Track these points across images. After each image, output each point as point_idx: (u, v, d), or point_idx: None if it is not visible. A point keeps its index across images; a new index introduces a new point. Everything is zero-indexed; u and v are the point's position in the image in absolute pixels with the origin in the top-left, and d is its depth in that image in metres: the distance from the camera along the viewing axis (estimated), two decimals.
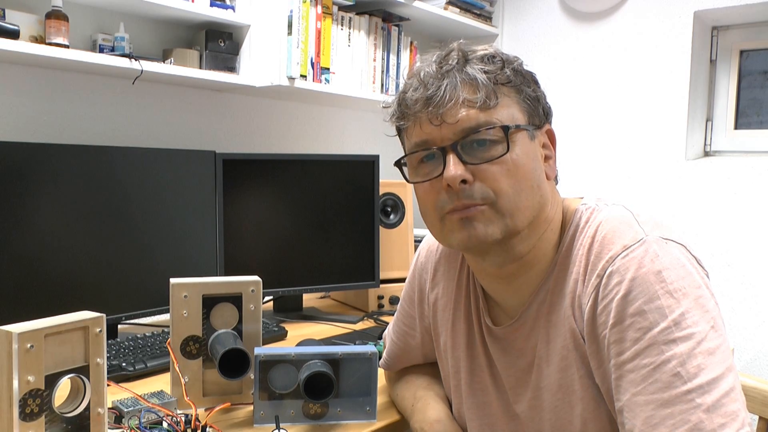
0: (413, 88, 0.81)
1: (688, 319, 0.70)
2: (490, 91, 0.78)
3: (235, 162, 1.67)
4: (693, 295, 0.71)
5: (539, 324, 0.85)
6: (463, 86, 0.78)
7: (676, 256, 0.74)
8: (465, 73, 0.79)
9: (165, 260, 1.55)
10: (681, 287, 0.71)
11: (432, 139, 0.80)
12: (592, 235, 0.80)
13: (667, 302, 0.70)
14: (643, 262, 0.73)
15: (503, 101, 0.79)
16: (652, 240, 0.75)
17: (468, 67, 0.79)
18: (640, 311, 0.71)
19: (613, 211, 0.82)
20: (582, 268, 0.79)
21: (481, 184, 0.78)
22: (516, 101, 0.81)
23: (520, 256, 0.83)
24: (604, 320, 0.74)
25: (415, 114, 0.81)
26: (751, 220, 2.05)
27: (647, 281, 0.72)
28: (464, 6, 2.41)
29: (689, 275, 0.73)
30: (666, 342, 0.69)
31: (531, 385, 0.87)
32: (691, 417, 0.66)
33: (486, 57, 0.80)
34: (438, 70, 0.80)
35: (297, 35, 1.82)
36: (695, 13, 2.14)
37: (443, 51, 0.83)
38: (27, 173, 1.32)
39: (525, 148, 0.80)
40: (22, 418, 0.80)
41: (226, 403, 1.07)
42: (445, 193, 0.80)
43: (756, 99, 2.23)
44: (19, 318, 0.86)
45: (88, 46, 1.64)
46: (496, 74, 0.79)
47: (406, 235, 1.95)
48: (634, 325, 0.71)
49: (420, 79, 0.80)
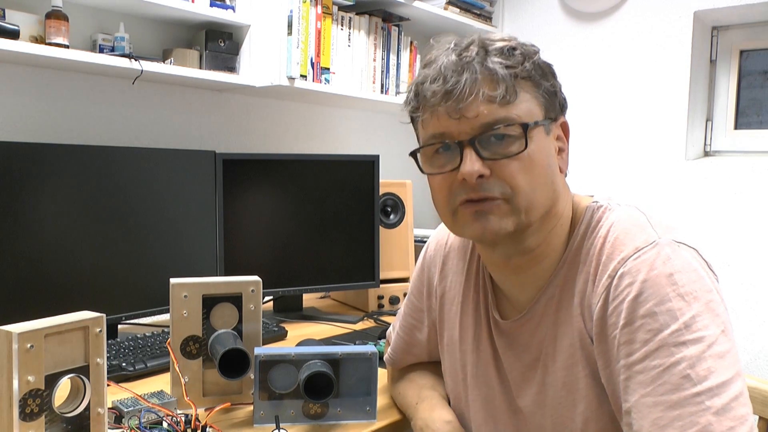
0: (431, 78, 0.79)
1: (698, 322, 0.69)
2: (509, 86, 0.77)
3: (235, 162, 1.67)
4: (704, 299, 0.71)
5: (546, 320, 0.85)
6: (483, 80, 0.77)
7: (688, 260, 0.74)
8: (485, 67, 0.77)
9: (165, 260, 1.55)
10: (692, 290, 0.71)
11: (449, 133, 0.79)
12: (603, 235, 0.80)
13: (678, 305, 0.70)
14: (655, 264, 0.73)
15: (522, 96, 0.78)
16: (665, 243, 0.75)
17: (488, 60, 0.77)
18: (650, 313, 0.71)
19: (625, 212, 0.81)
20: (593, 269, 0.79)
21: (499, 179, 0.78)
22: (534, 96, 0.80)
23: (531, 249, 0.84)
24: (615, 321, 0.74)
25: (433, 106, 0.79)
26: (751, 220, 2.05)
27: (659, 283, 0.71)
28: (464, 6, 2.41)
29: (700, 279, 0.73)
30: (676, 344, 0.69)
31: (536, 380, 0.87)
32: (700, 419, 0.66)
33: (506, 49, 0.79)
34: (458, 61, 0.78)
35: (297, 35, 1.82)
36: (695, 13, 2.14)
37: (462, 40, 0.81)
38: (27, 173, 1.32)
39: (541, 144, 0.80)
40: (22, 418, 0.80)
41: (226, 403, 1.07)
42: (459, 186, 0.79)
43: (756, 99, 2.23)
44: (19, 318, 0.86)
45: (88, 46, 1.64)
46: (516, 69, 0.78)
47: (406, 235, 1.95)
48: (645, 326, 0.71)
49: (439, 70, 0.79)
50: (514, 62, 0.78)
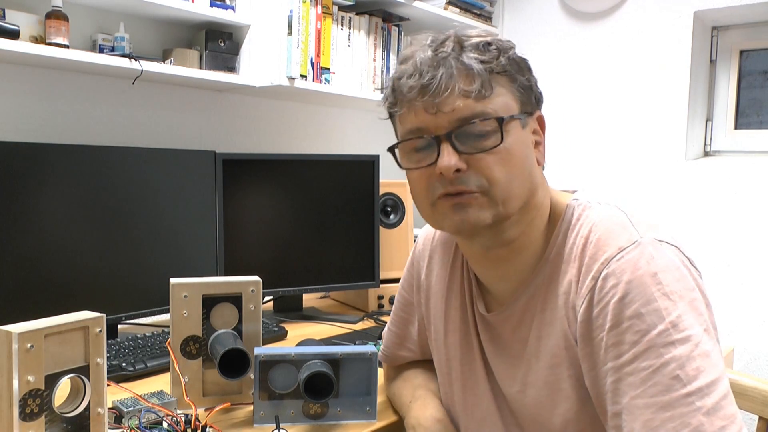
0: (408, 74, 0.79)
1: (684, 321, 0.70)
2: (485, 80, 0.78)
3: (235, 162, 1.67)
4: (688, 298, 0.72)
5: (529, 318, 0.86)
6: (459, 75, 0.77)
7: (671, 258, 0.74)
8: (461, 62, 0.78)
9: (165, 260, 1.55)
10: (677, 290, 0.71)
11: (426, 127, 0.80)
12: (585, 235, 0.80)
13: (664, 304, 0.70)
14: (639, 264, 0.73)
15: (498, 90, 0.79)
16: (647, 242, 0.75)
17: (464, 56, 0.78)
18: (637, 314, 0.71)
19: (606, 211, 0.82)
20: (575, 269, 0.80)
21: (475, 172, 0.78)
22: (510, 90, 0.81)
23: (510, 241, 0.84)
24: (601, 323, 0.74)
25: (410, 101, 0.80)
26: (751, 220, 2.05)
27: (644, 283, 0.71)
28: (464, 6, 2.41)
29: (684, 277, 0.73)
30: (664, 344, 0.69)
31: (518, 378, 0.88)
32: (692, 420, 0.66)
33: (482, 45, 0.80)
34: (434, 57, 0.78)
35: (297, 35, 1.82)
36: (695, 13, 2.14)
37: (438, 36, 0.82)
38: (27, 173, 1.32)
39: (517, 137, 0.81)
40: (22, 418, 0.80)
41: (226, 403, 1.07)
42: (437, 180, 0.80)
43: (756, 99, 2.23)
44: (19, 318, 0.86)
45: (88, 46, 1.64)
46: (491, 64, 0.79)
47: (406, 235, 1.95)
48: (632, 327, 0.71)
49: (415, 66, 0.79)
50: (490, 57, 0.79)
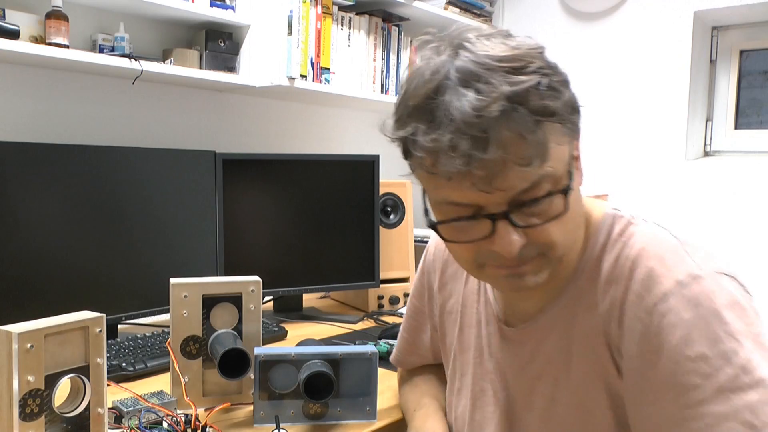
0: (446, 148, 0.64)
1: (753, 361, 0.65)
2: (542, 143, 0.65)
3: (235, 162, 1.67)
4: (752, 334, 0.67)
5: (557, 332, 0.80)
6: (510, 143, 0.64)
7: (732, 293, 0.69)
8: (511, 123, 0.64)
9: (165, 260, 1.55)
10: (741, 328, 0.66)
11: (476, 204, 0.68)
12: (633, 258, 0.73)
13: (730, 345, 0.65)
14: (700, 300, 0.67)
15: (550, 138, 0.67)
16: (706, 275, 0.69)
17: (515, 116, 0.64)
18: (702, 356, 0.65)
19: (655, 233, 0.75)
20: (620, 294, 0.73)
21: (535, 242, 0.70)
22: (561, 132, 0.69)
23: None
24: (654, 361, 0.69)
25: (450, 176, 0.66)
26: (751, 220, 2.05)
27: (707, 323, 0.66)
28: (464, 6, 2.41)
29: (745, 313, 0.68)
30: (733, 389, 0.64)
31: (546, 394, 0.82)
32: None
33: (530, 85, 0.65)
34: (475, 118, 0.63)
35: (297, 35, 1.82)
36: (695, 13, 2.15)
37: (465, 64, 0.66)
38: (27, 173, 1.32)
39: (575, 189, 0.73)
40: (22, 418, 0.80)
41: (226, 403, 1.08)
42: (490, 253, 0.71)
43: (756, 99, 2.23)
44: (19, 318, 0.86)
45: (88, 46, 1.64)
46: (541, 115, 0.65)
47: (406, 235, 1.95)
48: (697, 371, 0.66)
49: (452, 126, 0.64)
50: (538, 103, 0.65)
